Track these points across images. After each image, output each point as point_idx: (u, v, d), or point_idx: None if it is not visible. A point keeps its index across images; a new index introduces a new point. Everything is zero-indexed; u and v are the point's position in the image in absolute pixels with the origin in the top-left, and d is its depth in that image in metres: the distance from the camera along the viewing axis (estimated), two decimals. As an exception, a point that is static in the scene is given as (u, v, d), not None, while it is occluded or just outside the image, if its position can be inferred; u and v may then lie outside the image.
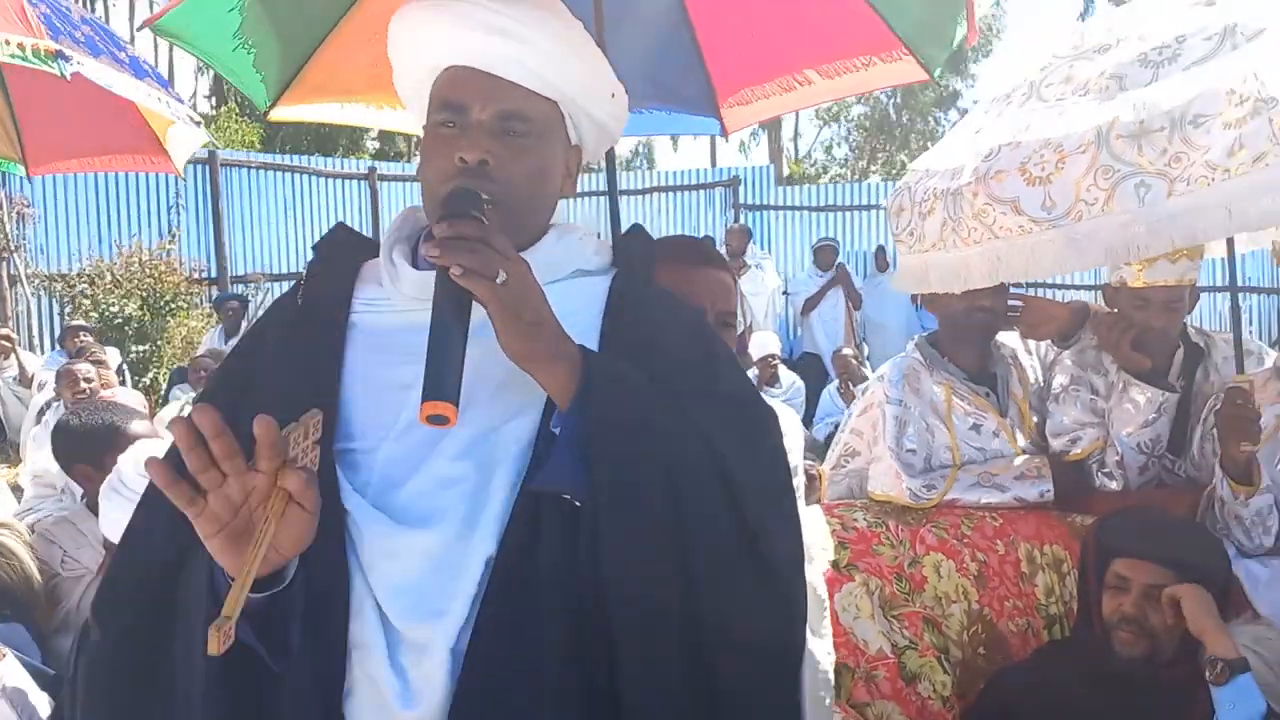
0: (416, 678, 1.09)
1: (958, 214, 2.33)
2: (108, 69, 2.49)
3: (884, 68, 2.60)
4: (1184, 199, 1.96)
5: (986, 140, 2.35)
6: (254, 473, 1.00)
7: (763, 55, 2.72)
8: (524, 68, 1.23)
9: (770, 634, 1.16)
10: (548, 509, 1.11)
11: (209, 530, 1.01)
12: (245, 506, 1.01)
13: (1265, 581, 2.39)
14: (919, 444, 2.74)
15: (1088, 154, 2.08)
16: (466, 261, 1.07)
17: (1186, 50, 2.13)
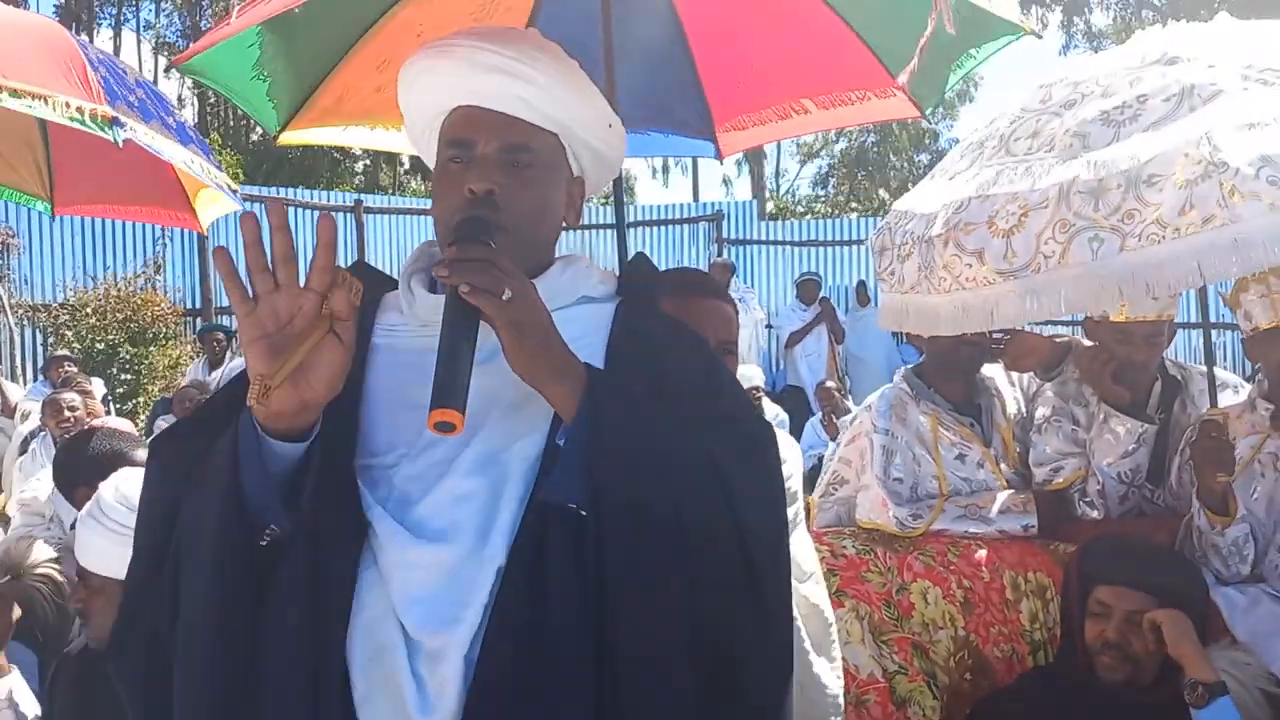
0: (432, 685, 1.13)
1: (930, 262, 2.39)
2: (156, 134, 2.58)
3: (878, 103, 2.69)
4: (1134, 255, 2.03)
5: (958, 191, 2.42)
6: (304, 292, 1.08)
7: (761, 83, 2.80)
8: (526, 103, 1.31)
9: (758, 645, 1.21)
10: (554, 520, 1.16)
11: (253, 334, 1.07)
12: (290, 326, 1.08)
13: (1243, 608, 2.44)
14: (906, 473, 2.80)
15: (1049, 209, 2.14)
16: (474, 279, 1.13)
17: (1147, 110, 2.20)
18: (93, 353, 9.39)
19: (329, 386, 1.12)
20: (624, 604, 1.14)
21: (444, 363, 1.13)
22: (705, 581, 1.17)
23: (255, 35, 2.22)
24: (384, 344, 1.34)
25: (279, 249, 1.07)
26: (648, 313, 1.39)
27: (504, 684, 1.12)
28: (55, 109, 2.35)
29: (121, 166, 3.24)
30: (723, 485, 1.21)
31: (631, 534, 1.15)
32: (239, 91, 2.40)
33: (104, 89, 2.42)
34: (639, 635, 1.14)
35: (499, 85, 1.30)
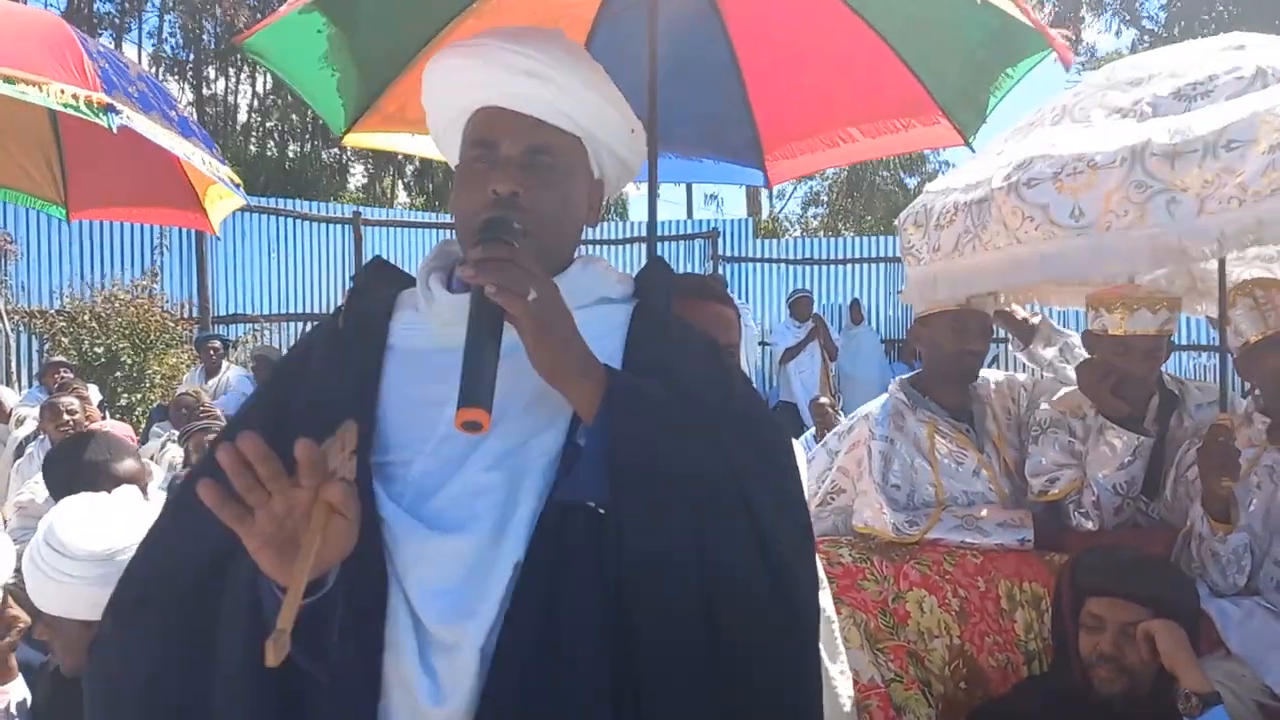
0: (446, 677, 1.14)
1: (982, 220, 2.40)
2: (156, 126, 2.58)
3: (922, 131, 2.70)
4: (1215, 217, 2.05)
5: (1018, 152, 2.42)
6: (297, 488, 1.05)
7: (809, 111, 2.81)
8: (550, 106, 1.33)
9: (783, 645, 1.21)
10: (573, 517, 1.17)
11: (257, 544, 1.06)
12: (290, 519, 1.06)
13: (1238, 621, 2.45)
14: (903, 480, 2.82)
15: (1120, 169, 2.15)
16: (500, 280, 1.15)
17: (1219, 87, 2.24)
18: (89, 358, 9.37)
19: (340, 554, 1.11)
20: (642, 604, 1.15)
21: (470, 362, 1.14)
22: (724, 582, 1.18)
23: (322, 23, 2.21)
24: (401, 344, 1.35)
25: (264, 474, 1.04)
26: (664, 315, 1.41)
27: (519, 678, 1.13)
28: (50, 95, 2.34)
29: (134, 168, 3.25)
30: (741, 487, 1.22)
31: (650, 534, 1.16)
32: (304, 83, 2.39)
33: (101, 78, 2.42)
34: (657, 635, 1.15)
35: (525, 87, 1.32)
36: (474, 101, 1.36)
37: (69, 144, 3.45)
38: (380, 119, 2.58)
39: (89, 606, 1.87)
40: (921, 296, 2.74)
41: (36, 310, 9.94)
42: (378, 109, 2.55)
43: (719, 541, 1.18)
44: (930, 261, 2.62)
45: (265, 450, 1.04)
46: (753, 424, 1.33)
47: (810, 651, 1.27)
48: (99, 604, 1.89)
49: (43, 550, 1.95)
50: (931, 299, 2.70)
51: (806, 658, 1.26)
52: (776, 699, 1.20)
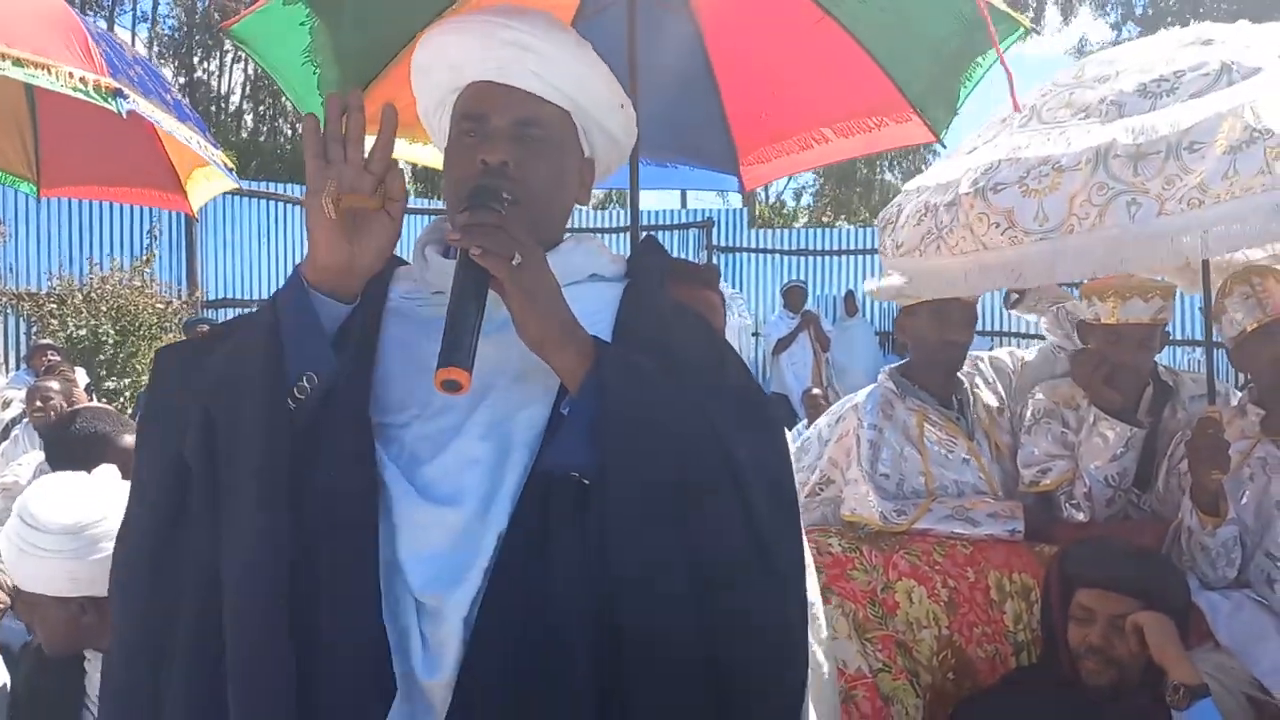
0: (434, 644, 1.14)
1: (949, 224, 2.40)
2: (157, 109, 2.58)
3: (894, 129, 2.69)
4: (1173, 219, 2.04)
5: (985, 156, 2.43)
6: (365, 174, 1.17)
7: (782, 113, 2.81)
8: (540, 79, 1.32)
9: (769, 619, 1.20)
10: (557, 488, 1.17)
11: (318, 186, 1.15)
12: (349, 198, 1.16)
13: (1227, 613, 2.45)
14: (892, 469, 2.80)
15: (1083, 171, 2.16)
16: (485, 243, 1.15)
17: (1185, 84, 2.23)
18: (76, 341, 9.32)
19: (376, 255, 1.21)
20: (626, 573, 1.14)
21: (452, 323, 1.15)
22: (708, 551, 1.17)
23: (305, 15, 2.20)
24: (399, 307, 1.36)
25: (353, 128, 1.16)
26: (656, 294, 1.41)
27: (502, 647, 1.13)
28: (59, 79, 2.33)
29: (111, 147, 3.21)
30: (727, 458, 1.21)
31: (635, 504, 1.16)
32: (288, 77, 2.37)
33: (106, 62, 2.41)
34: (640, 605, 1.14)
35: (513, 59, 1.32)
36: (464, 77, 1.36)
37: (44, 121, 3.40)
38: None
39: (66, 582, 1.87)
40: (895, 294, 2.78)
41: (25, 292, 9.89)
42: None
43: (703, 512, 1.17)
44: (898, 258, 2.62)
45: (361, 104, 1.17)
46: (744, 401, 1.32)
47: (795, 621, 1.26)
48: (76, 579, 1.88)
49: (17, 526, 1.95)
50: (898, 296, 2.70)
51: (791, 626, 1.25)
52: (761, 666, 1.19)
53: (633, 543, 1.14)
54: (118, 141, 2.97)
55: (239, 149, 17.27)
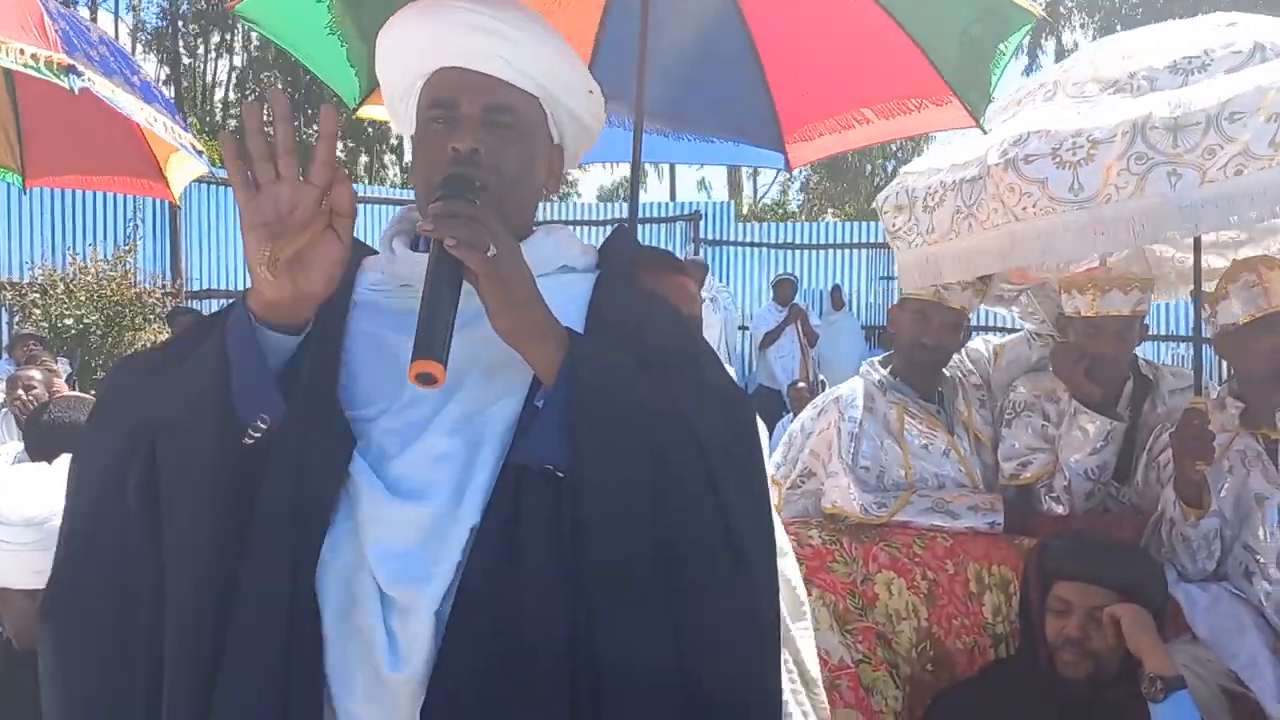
0: (403, 640, 1.12)
1: (976, 198, 2.38)
2: (118, 90, 2.54)
3: (934, 111, 2.66)
4: (1218, 185, 2.05)
5: (1012, 129, 2.40)
6: (304, 185, 1.08)
7: (823, 92, 2.78)
8: (508, 64, 1.31)
9: (741, 611, 1.19)
10: (531, 481, 1.16)
11: (254, 219, 1.07)
12: (291, 216, 1.08)
13: (1205, 606, 2.45)
14: (873, 461, 2.80)
15: (1120, 143, 2.15)
16: (459, 234, 1.13)
17: (1216, 61, 2.24)
18: (59, 330, 9.26)
19: (326, 281, 1.14)
20: (599, 568, 1.13)
21: (426, 316, 1.13)
22: (683, 547, 1.16)
23: None
24: (365, 300, 1.34)
25: (282, 139, 1.07)
26: (627, 285, 1.40)
27: (474, 643, 1.11)
28: (8, 55, 2.30)
29: (94, 135, 3.20)
30: (701, 451, 1.20)
31: (608, 497, 1.14)
32: (309, 53, 2.32)
33: (62, 39, 2.38)
34: (614, 600, 1.14)
35: (482, 44, 1.30)
36: (431, 63, 1.34)
37: (26, 110, 3.38)
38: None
39: (31, 575, 1.86)
40: (923, 280, 2.70)
41: (6, 281, 9.82)
42: None
43: (677, 507, 1.16)
44: (925, 244, 2.59)
45: (289, 111, 1.07)
46: (715, 392, 1.31)
47: (764, 613, 1.24)
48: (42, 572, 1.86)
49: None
50: (937, 280, 2.66)
51: (762, 617, 1.23)
52: (732, 660, 1.18)
53: (606, 536, 1.13)
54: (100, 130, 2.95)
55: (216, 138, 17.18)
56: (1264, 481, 2.51)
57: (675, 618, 1.15)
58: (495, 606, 1.12)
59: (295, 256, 1.10)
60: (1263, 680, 2.30)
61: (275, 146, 1.07)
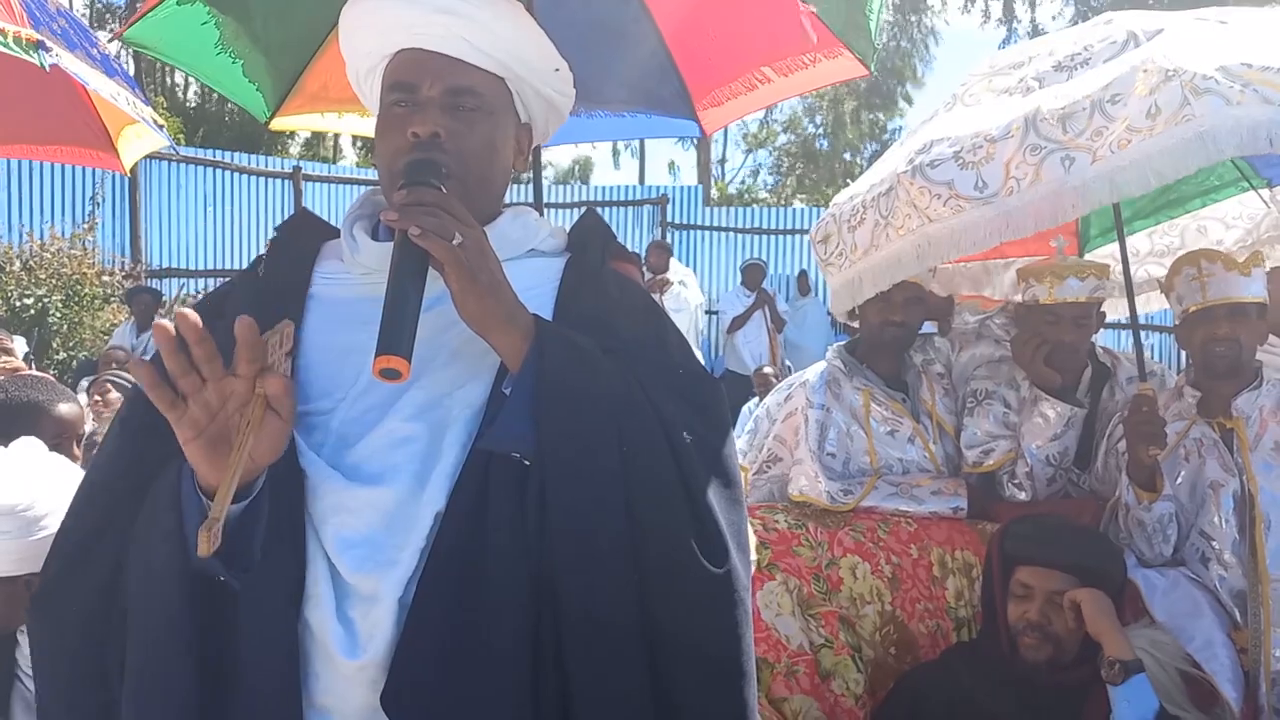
0: (363, 628, 1.12)
1: (890, 208, 2.46)
2: (82, 64, 2.48)
3: (828, 64, 2.69)
4: (1106, 162, 2.14)
5: (916, 140, 2.50)
6: (232, 378, 1.05)
7: (724, 56, 2.79)
8: (471, 45, 1.28)
9: (709, 595, 1.18)
10: (497, 468, 1.15)
11: (188, 434, 1.04)
12: (223, 412, 1.05)
13: (1163, 590, 2.49)
14: (839, 448, 2.82)
15: (1015, 138, 2.25)
16: (424, 223, 1.11)
17: (1096, 54, 2.37)
18: (20, 310, 9.09)
19: (272, 456, 1.11)
20: (565, 553, 1.13)
21: (391, 308, 1.11)
22: (651, 531, 1.16)
23: (205, 13, 2.14)
24: (323, 292, 1.32)
25: (199, 355, 1.03)
26: (597, 269, 1.38)
27: (439, 628, 1.11)
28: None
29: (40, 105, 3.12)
30: (669, 437, 1.19)
31: (575, 484, 1.14)
32: (208, 72, 2.32)
33: (27, 13, 2.32)
34: (581, 585, 1.13)
35: (443, 26, 1.27)
36: (391, 44, 1.32)
37: None
38: (305, 99, 2.50)
39: (10, 562, 1.81)
40: (851, 301, 2.79)
41: (-39, 260, 9.62)
42: (300, 89, 2.47)
43: (644, 492, 1.16)
44: (849, 264, 2.65)
45: (202, 330, 1.02)
46: (684, 376, 1.31)
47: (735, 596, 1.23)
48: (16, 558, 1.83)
49: None
50: (860, 298, 2.74)
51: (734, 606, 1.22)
52: (701, 645, 1.17)
53: (573, 523, 1.13)
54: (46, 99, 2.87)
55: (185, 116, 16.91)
56: (1219, 469, 2.55)
57: (643, 602, 1.14)
58: (460, 591, 1.11)
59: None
60: (1218, 663, 2.35)
61: (195, 359, 1.03)
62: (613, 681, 1.13)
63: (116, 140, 3.31)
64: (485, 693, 1.10)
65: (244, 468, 1.05)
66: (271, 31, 2.29)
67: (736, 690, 1.20)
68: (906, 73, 23.57)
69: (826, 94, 23.39)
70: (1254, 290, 2.56)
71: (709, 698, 1.18)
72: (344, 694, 1.11)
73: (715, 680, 1.19)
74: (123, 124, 3.23)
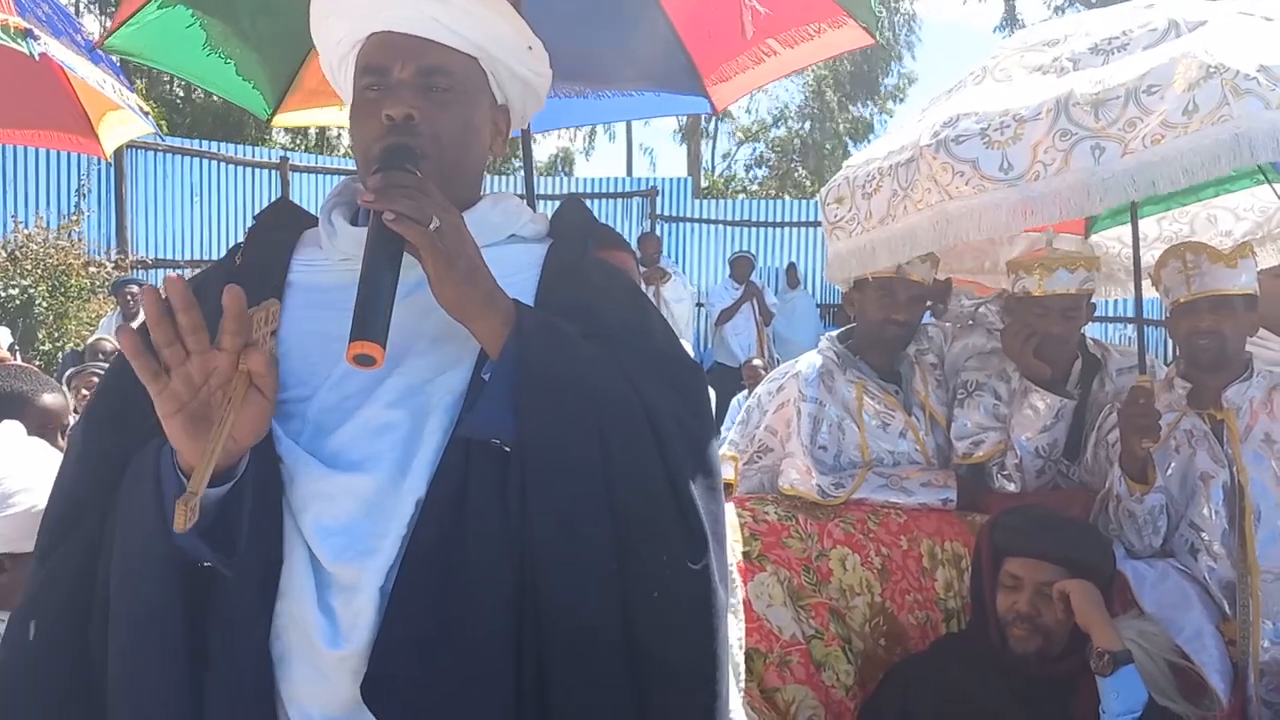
0: (345, 617, 1.10)
1: (910, 180, 2.42)
2: (68, 50, 2.46)
3: (833, 34, 2.68)
4: (1138, 155, 2.10)
5: (942, 112, 2.45)
6: (216, 353, 1.04)
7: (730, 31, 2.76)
8: (442, 25, 1.27)
9: (690, 584, 1.18)
10: (478, 454, 1.14)
11: (169, 408, 1.03)
12: (205, 388, 1.05)
13: (1151, 581, 2.49)
14: (830, 441, 2.82)
15: (1045, 120, 2.20)
16: (400, 207, 1.10)
17: (1135, 40, 2.32)
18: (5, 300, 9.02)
19: (254, 436, 1.10)
20: (547, 541, 1.12)
21: (365, 294, 1.09)
22: (632, 519, 1.15)
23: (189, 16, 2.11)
24: (301, 280, 1.30)
25: (185, 324, 1.02)
26: (579, 255, 1.37)
27: (420, 617, 1.10)
28: None
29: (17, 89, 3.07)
30: (651, 423, 1.19)
31: (556, 471, 1.13)
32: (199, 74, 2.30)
33: (13, 1, 2.29)
34: (562, 573, 1.12)
35: (413, 8, 1.26)
36: (361, 29, 1.30)
37: None
38: (305, 95, 2.49)
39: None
40: (860, 268, 2.73)
41: (-54, 250, 9.55)
42: (300, 85, 2.46)
43: (626, 480, 1.15)
44: (864, 231, 2.61)
45: (190, 298, 1.02)
46: (668, 363, 1.30)
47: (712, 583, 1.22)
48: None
49: None
50: (872, 267, 2.68)
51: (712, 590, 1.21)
52: (680, 632, 1.17)
53: (554, 510, 1.12)
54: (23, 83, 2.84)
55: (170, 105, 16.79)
56: (1209, 460, 2.55)
57: (624, 589, 1.13)
58: (441, 579, 1.10)
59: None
60: (1207, 654, 2.35)
61: (181, 329, 1.02)
62: (591, 670, 1.12)
63: (98, 126, 3.27)
64: (466, 682, 1.09)
65: (225, 447, 1.04)
66: (261, 29, 2.27)
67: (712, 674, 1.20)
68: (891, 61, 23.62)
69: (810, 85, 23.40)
70: (1240, 282, 2.55)
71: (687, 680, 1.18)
72: (327, 685, 1.10)
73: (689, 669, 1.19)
74: (104, 110, 3.20)
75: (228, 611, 1.10)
